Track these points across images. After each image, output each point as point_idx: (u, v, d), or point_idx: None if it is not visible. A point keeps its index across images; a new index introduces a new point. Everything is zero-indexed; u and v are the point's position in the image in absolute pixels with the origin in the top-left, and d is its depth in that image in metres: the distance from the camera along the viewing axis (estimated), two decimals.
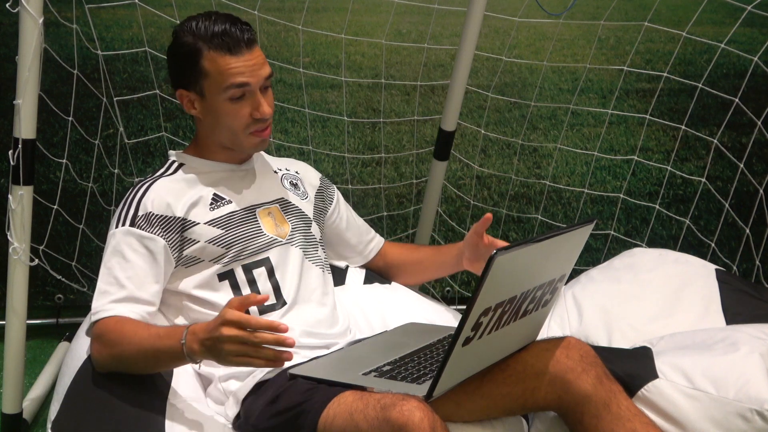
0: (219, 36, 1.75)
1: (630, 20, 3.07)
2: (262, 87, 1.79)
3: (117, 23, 2.85)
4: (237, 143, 1.83)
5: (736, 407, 1.62)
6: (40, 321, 2.97)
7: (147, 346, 1.59)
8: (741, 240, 3.16)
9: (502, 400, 1.65)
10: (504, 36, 3.05)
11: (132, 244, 1.73)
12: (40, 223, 2.64)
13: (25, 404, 2.26)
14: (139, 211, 1.76)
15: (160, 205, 1.77)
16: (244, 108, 1.78)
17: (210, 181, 1.85)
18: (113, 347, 1.63)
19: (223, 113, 1.79)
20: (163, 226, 1.75)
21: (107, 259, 1.73)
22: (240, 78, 1.75)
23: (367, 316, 2.03)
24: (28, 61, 1.99)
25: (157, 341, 1.57)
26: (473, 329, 1.44)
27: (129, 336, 1.61)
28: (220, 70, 1.75)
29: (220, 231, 1.79)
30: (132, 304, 1.69)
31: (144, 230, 1.73)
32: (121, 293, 1.69)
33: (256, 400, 1.63)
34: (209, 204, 1.81)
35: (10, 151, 2.04)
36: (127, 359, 1.63)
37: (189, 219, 1.78)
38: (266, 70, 1.79)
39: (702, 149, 3.23)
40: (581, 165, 3.21)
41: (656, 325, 2.09)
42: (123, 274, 1.70)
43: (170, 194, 1.79)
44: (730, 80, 3.15)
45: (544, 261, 1.53)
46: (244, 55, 1.75)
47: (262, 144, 1.84)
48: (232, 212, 1.83)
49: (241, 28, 1.77)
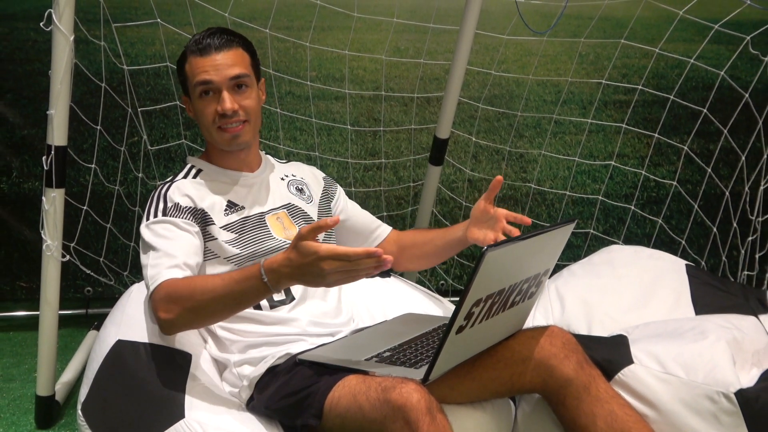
0: (196, 43, 1.78)
1: (608, 38, 3.07)
2: (229, 86, 1.77)
3: (141, 40, 2.85)
4: (213, 139, 1.82)
5: (704, 390, 1.62)
6: (70, 312, 2.97)
7: (225, 292, 1.54)
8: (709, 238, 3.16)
9: (492, 384, 1.65)
10: (493, 52, 3.05)
11: (169, 228, 1.71)
12: (71, 223, 2.64)
13: (58, 387, 2.26)
14: (168, 203, 1.75)
15: (183, 198, 1.77)
16: (211, 105, 1.78)
17: (225, 188, 1.85)
18: (186, 301, 1.58)
19: (198, 111, 1.80)
20: (191, 214, 1.75)
21: (148, 245, 1.69)
22: (204, 76, 1.76)
23: (368, 307, 2.03)
24: (60, 74, 1.99)
25: (235, 286, 1.53)
26: (466, 319, 1.44)
27: (201, 287, 1.57)
28: (192, 71, 1.78)
29: (233, 235, 1.79)
30: (185, 270, 1.65)
31: (177, 217, 1.73)
32: (173, 261, 1.65)
33: (268, 384, 1.63)
34: (224, 210, 1.81)
35: (43, 157, 2.04)
36: (203, 309, 1.58)
37: (209, 216, 1.78)
38: (233, 70, 1.76)
39: (673, 155, 3.23)
40: (563, 169, 3.21)
41: (632, 316, 2.09)
42: (170, 248, 1.67)
43: (192, 191, 1.79)
44: (698, 92, 3.15)
45: (530, 257, 1.53)
46: (212, 57, 1.76)
47: (233, 140, 1.80)
48: (245, 217, 1.82)
49: (220, 37, 1.78)
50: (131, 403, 1.63)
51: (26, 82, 2.85)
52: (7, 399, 2.35)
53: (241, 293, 1.53)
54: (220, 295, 1.55)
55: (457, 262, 3.20)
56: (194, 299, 1.57)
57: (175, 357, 1.70)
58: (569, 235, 1.65)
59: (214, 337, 1.80)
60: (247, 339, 1.74)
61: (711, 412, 1.61)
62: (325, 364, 1.60)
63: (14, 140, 2.88)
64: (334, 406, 1.48)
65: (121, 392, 1.66)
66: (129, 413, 1.62)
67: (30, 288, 2.98)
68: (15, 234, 2.95)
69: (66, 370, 2.46)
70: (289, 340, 1.73)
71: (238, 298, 1.55)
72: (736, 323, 1.93)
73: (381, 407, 1.40)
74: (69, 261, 2.63)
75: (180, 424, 1.57)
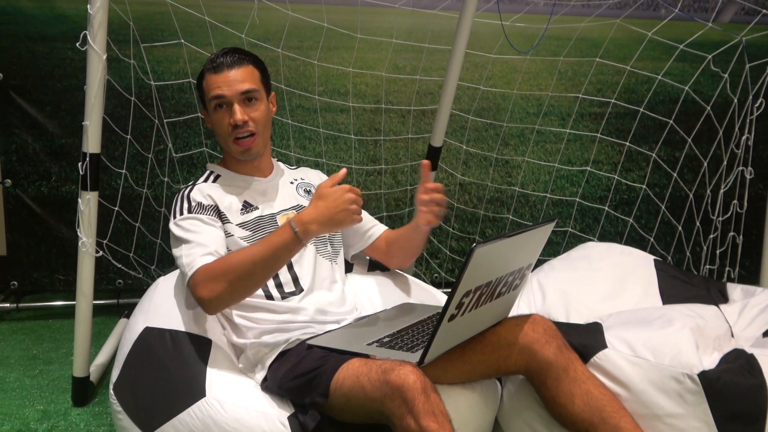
0: (211, 61, 1.79)
1: (584, 56, 3.07)
2: (240, 99, 1.76)
3: (166, 59, 2.85)
4: (229, 149, 1.82)
5: (670, 372, 1.62)
6: (103, 302, 2.97)
7: (261, 256, 1.56)
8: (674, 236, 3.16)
9: (480, 366, 1.65)
10: (481, 69, 3.05)
11: (196, 224, 1.71)
12: (103, 222, 2.64)
13: (92, 369, 2.26)
14: (192, 203, 1.75)
15: (205, 198, 1.77)
16: (225, 117, 1.77)
17: (241, 191, 1.84)
18: (225, 275, 1.58)
19: (214, 122, 1.80)
20: (212, 211, 1.75)
21: (179, 239, 1.69)
22: (217, 91, 1.76)
23: (370, 297, 2.03)
24: (94, 89, 1.99)
25: (269, 247, 1.56)
26: (457, 308, 1.44)
27: (236, 258, 1.58)
28: (208, 86, 1.78)
29: (248, 232, 1.78)
30: (217, 256, 1.64)
31: (202, 214, 1.73)
32: (206, 249, 1.65)
33: (280, 366, 1.63)
34: (240, 210, 1.81)
35: (79, 163, 2.04)
36: (243, 276, 1.58)
37: (226, 215, 1.78)
38: (243, 86, 1.76)
39: (643, 162, 3.23)
40: (544, 174, 3.21)
41: (605, 305, 2.09)
42: (201, 239, 1.67)
43: (212, 192, 1.79)
44: (665, 105, 3.15)
45: (515, 252, 1.53)
46: (225, 74, 1.76)
47: (245, 152, 1.80)
48: (259, 217, 1.82)
49: (232, 55, 1.78)
50: (158, 384, 1.63)
51: (64, 96, 2.85)
52: (47, 379, 2.35)
53: (275, 250, 1.57)
54: (257, 258, 1.57)
55: (450, 257, 3.20)
56: (233, 271, 1.58)
57: (197, 342, 1.70)
58: (549, 233, 1.65)
59: (231, 325, 1.80)
60: (261, 326, 1.74)
61: (677, 392, 1.61)
62: (331, 348, 1.60)
63: (53, 148, 2.88)
64: (339, 386, 1.48)
65: (148, 374, 1.66)
66: (155, 392, 1.63)
67: (67, 280, 2.98)
68: (54, 232, 2.95)
69: (99, 354, 2.46)
70: (299, 327, 1.73)
71: (274, 256, 1.57)
72: (699, 312, 1.93)
73: (381, 387, 1.40)
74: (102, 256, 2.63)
75: (201, 401, 1.57)
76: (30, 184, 2.90)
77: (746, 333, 1.97)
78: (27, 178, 2.89)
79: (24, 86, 2.81)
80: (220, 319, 1.82)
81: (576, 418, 1.59)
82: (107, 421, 2.07)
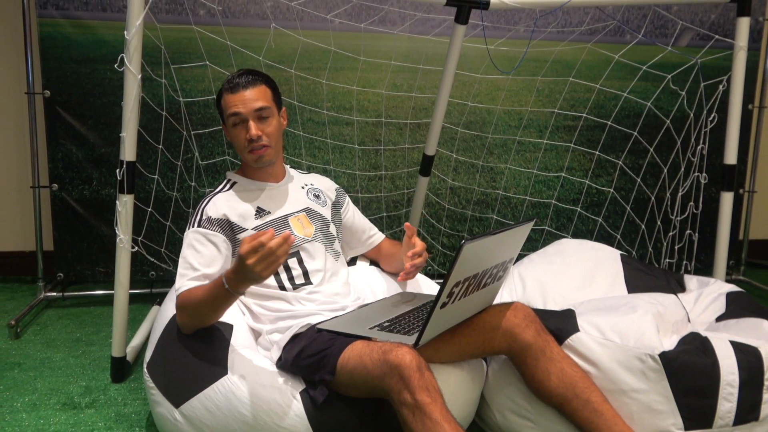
0: (228, 82, 1.77)
1: (559, 76, 3.07)
2: (255, 117, 1.74)
3: (194, 78, 2.85)
4: (245, 159, 1.81)
5: (634, 352, 1.62)
6: (138, 291, 2.96)
7: (204, 302, 1.57)
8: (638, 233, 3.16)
9: (468, 347, 1.65)
10: (469, 87, 3.05)
11: (200, 239, 1.71)
12: (138, 221, 2.65)
13: (128, 350, 2.26)
14: (203, 217, 1.75)
15: (217, 212, 1.75)
16: (241, 132, 1.76)
17: (255, 196, 1.83)
18: (185, 309, 1.63)
19: (232, 136, 1.79)
20: (220, 226, 1.74)
21: (183, 252, 1.72)
22: (233, 109, 1.74)
23: (371, 287, 2.03)
24: (130, 105, 1.98)
25: (208, 293, 1.55)
26: (448, 297, 1.44)
27: (193, 298, 1.60)
28: (225, 105, 1.77)
29: None
30: (203, 281, 1.67)
31: (207, 229, 1.72)
32: (194, 273, 1.67)
33: (293, 347, 1.63)
34: (254, 214, 1.80)
35: (117, 170, 2.04)
36: (198, 316, 1.61)
37: (239, 225, 1.77)
38: (257, 104, 1.74)
39: (610, 168, 3.23)
40: (524, 179, 3.21)
41: (578, 294, 2.09)
42: (195, 261, 1.69)
43: (225, 205, 1.77)
44: (630, 119, 3.15)
45: (498, 248, 1.53)
46: (240, 93, 1.74)
47: (259, 160, 1.78)
48: (272, 220, 1.81)
49: (246, 76, 1.76)
50: (185, 363, 1.63)
51: (104, 111, 2.85)
52: (89, 359, 2.35)
53: (214, 299, 1.54)
54: (202, 303, 1.57)
55: (441, 252, 3.20)
56: (190, 308, 1.61)
57: (220, 327, 1.70)
58: (529, 231, 1.65)
59: (250, 312, 1.80)
60: (276, 313, 1.74)
61: (640, 370, 1.61)
62: (338, 332, 1.60)
63: (94, 157, 2.88)
64: (344, 364, 1.48)
65: (177, 354, 1.66)
66: (184, 371, 1.63)
67: (106, 272, 2.98)
68: (95, 230, 2.95)
69: (135, 337, 2.45)
70: (309, 313, 1.73)
71: (214, 305, 1.56)
72: (660, 300, 1.93)
73: (381, 366, 1.40)
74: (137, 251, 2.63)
75: (224, 378, 1.57)
76: (74, 188, 2.90)
77: (701, 318, 1.97)
78: (71, 182, 2.89)
79: (69, 102, 2.81)
80: (240, 306, 1.82)
81: (552, 392, 1.59)
82: (142, 396, 2.07)
